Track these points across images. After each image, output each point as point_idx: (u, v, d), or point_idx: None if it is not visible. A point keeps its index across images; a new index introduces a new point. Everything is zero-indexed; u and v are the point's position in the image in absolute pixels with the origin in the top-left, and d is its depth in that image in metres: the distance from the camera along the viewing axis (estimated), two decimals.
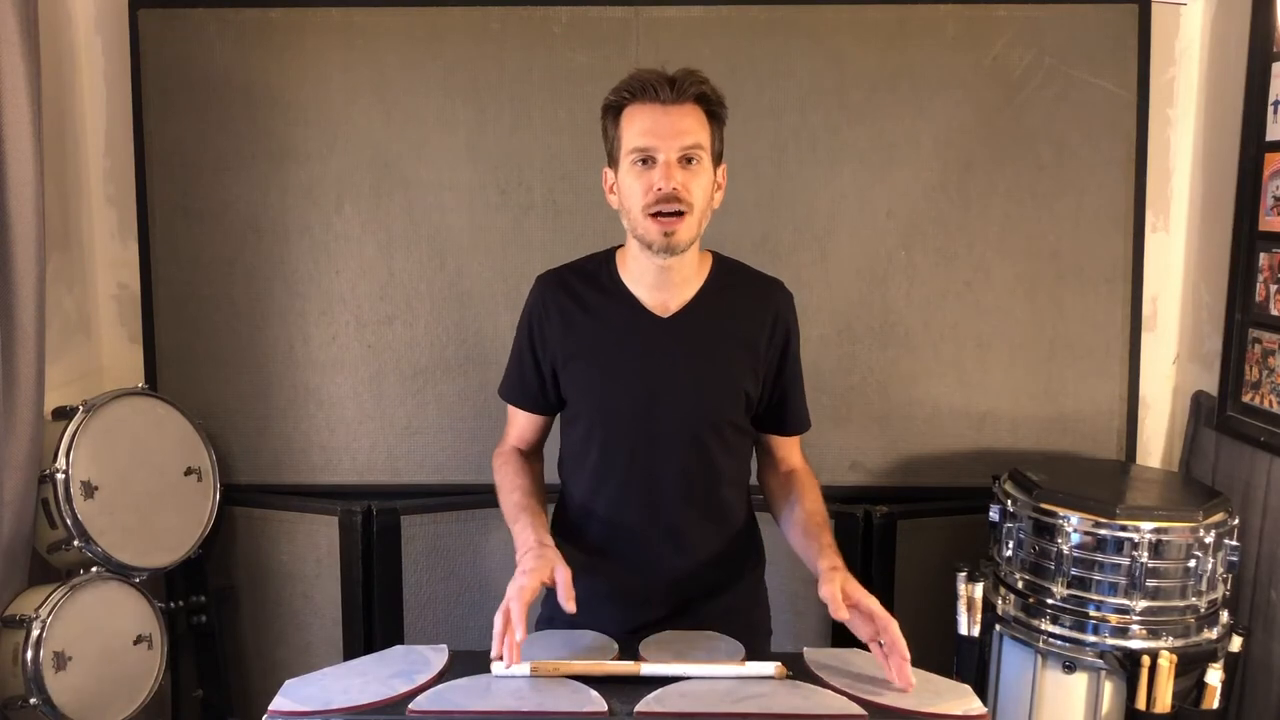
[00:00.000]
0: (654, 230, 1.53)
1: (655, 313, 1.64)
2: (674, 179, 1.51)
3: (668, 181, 1.51)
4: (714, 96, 1.57)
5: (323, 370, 2.57)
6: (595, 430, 1.67)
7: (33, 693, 2.02)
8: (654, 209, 1.52)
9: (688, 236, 1.55)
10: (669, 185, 1.51)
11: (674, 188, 1.51)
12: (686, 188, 1.52)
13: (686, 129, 1.53)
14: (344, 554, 2.49)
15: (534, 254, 2.46)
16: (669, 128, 1.52)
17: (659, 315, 1.64)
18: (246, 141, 2.50)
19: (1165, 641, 1.97)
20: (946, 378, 2.55)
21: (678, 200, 1.52)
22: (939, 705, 1.38)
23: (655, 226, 1.53)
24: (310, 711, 1.34)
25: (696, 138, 1.54)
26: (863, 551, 2.48)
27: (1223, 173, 2.37)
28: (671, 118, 1.52)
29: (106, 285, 2.59)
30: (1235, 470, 2.31)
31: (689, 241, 1.57)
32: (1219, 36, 2.44)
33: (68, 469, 2.12)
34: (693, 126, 1.54)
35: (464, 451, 2.57)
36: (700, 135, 1.54)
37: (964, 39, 2.45)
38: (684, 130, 1.52)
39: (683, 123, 1.53)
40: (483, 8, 2.46)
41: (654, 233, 1.54)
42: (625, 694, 1.37)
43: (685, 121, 1.53)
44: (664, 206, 1.52)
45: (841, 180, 2.50)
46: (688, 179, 1.53)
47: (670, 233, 1.53)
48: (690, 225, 1.55)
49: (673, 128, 1.52)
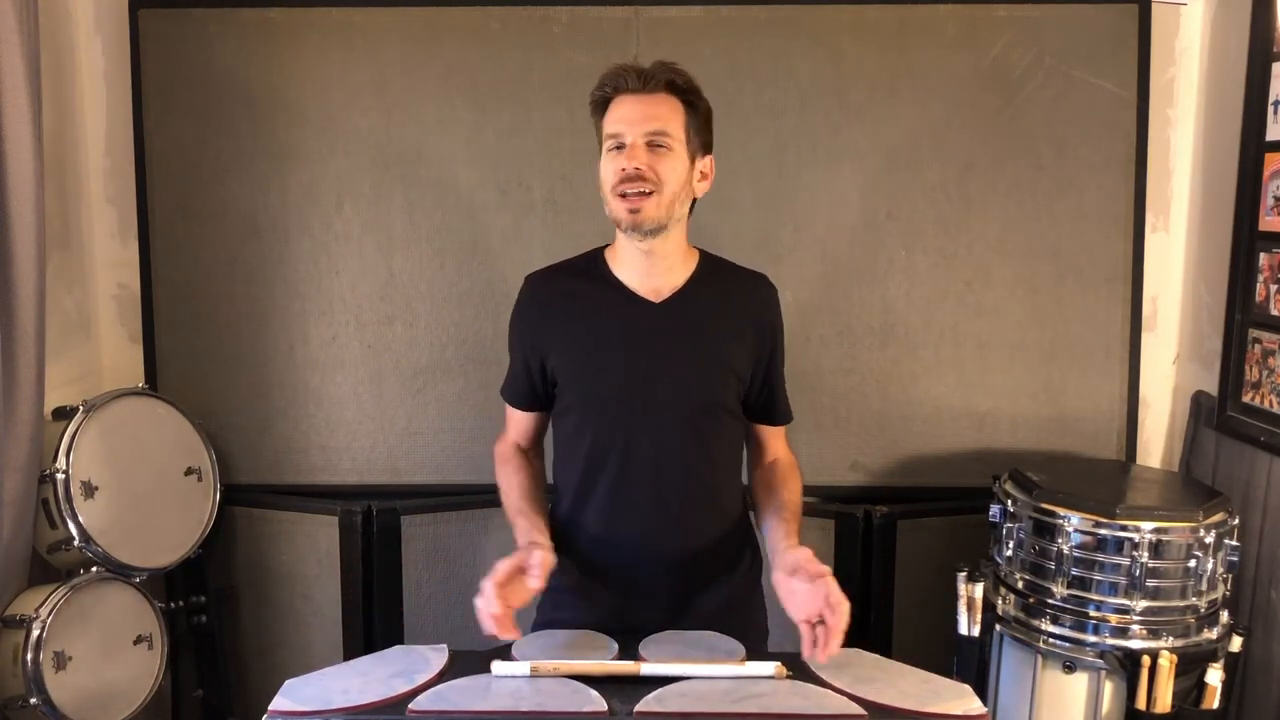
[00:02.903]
0: (621, 208, 1.59)
1: (647, 298, 1.67)
2: (638, 159, 1.56)
3: (630, 161, 1.56)
4: (685, 85, 1.62)
5: (323, 370, 2.57)
6: (588, 416, 1.69)
7: (33, 693, 2.02)
8: (620, 189, 1.57)
9: (654, 215, 1.59)
10: (632, 165, 1.56)
11: (637, 167, 1.56)
12: (652, 168, 1.57)
13: (655, 115, 1.59)
14: (344, 554, 2.49)
15: (534, 254, 2.46)
16: (638, 114, 1.59)
17: (651, 301, 1.67)
18: (246, 142, 2.50)
19: (1165, 641, 1.97)
20: (946, 378, 2.55)
21: (642, 180, 1.57)
22: (939, 705, 1.38)
23: (622, 204, 1.58)
24: (310, 711, 1.34)
25: (664, 124, 1.59)
26: (863, 551, 2.49)
27: (1223, 173, 2.37)
28: (643, 105, 1.59)
29: (106, 285, 2.59)
30: (1235, 470, 2.31)
31: (657, 220, 1.60)
32: (1219, 36, 2.44)
33: (68, 469, 2.12)
34: (662, 113, 1.59)
35: (464, 451, 2.57)
36: (670, 122, 1.59)
37: (964, 39, 2.45)
38: (652, 116, 1.59)
39: (652, 109, 1.59)
40: (483, 8, 2.46)
41: (621, 210, 1.59)
42: (625, 694, 1.38)
43: (656, 109, 1.59)
44: (628, 187, 1.57)
45: (841, 180, 2.50)
46: (654, 160, 1.58)
47: (636, 210, 1.57)
48: (658, 204, 1.58)
49: (641, 114, 1.59)
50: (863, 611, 2.50)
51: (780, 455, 1.81)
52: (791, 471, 1.77)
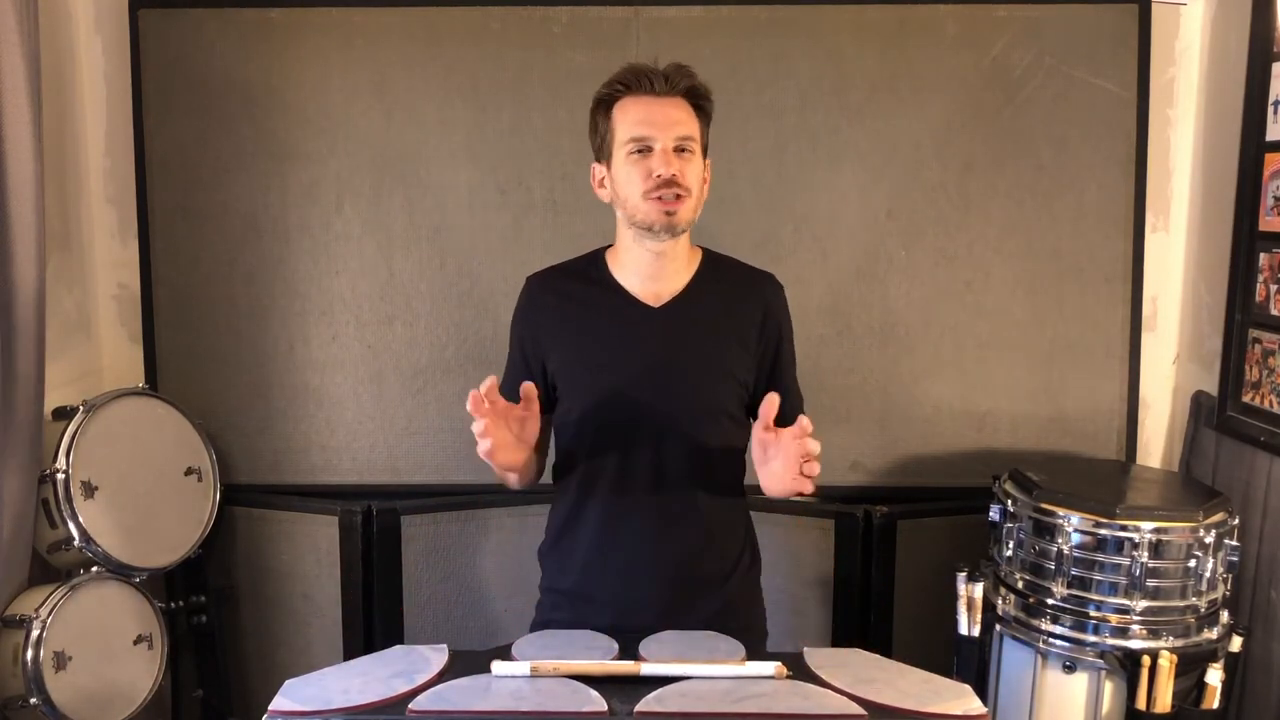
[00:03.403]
0: (656, 210, 1.57)
1: (647, 303, 1.66)
2: (673, 165, 1.56)
3: (667, 168, 1.56)
4: (702, 90, 1.62)
5: (323, 370, 2.57)
6: (587, 421, 1.68)
7: (33, 693, 2.02)
8: (655, 194, 1.56)
9: (687, 217, 1.60)
10: (669, 171, 1.56)
11: (674, 173, 1.56)
12: (683, 174, 1.58)
13: (679, 119, 1.59)
14: (344, 554, 2.49)
15: (534, 254, 2.46)
16: (664, 118, 1.58)
17: (651, 305, 1.66)
18: (246, 141, 2.50)
19: (1165, 641, 1.96)
20: (946, 378, 2.55)
21: (677, 185, 1.56)
22: (939, 705, 1.38)
23: (658, 205, 1.57)
24: (310, 711, 1.34)
25: (688, 129, 1.60)
26: (863, 551, 2.48)
27: (1223, 173, 2.37)
28: (665, 108, 1.58)
29: (106, 285, 2.59)
30: (1235, 470, 2.31)
31: (688, 222, 1.62)
32: (1219, 36, 2.44)
33: (68, 469, 2.12)
34: (684, 118, 1.60)
35: (464, 451, 2.56)
36: (691, 127, 1.60)
37: (964, 39, 2.45)
38: (677, 120, 1.58)
39: (675, 113, 1.59)
40: (483, 8, 2.46)
41: (656, 212, 1.57)
42: (625, 694, 1.37)
43: (679, 113, 1.59)
44: (664, 192, 1.56)
45: (841, 180, 2.50)
46: (683, 165, 1.58)
47: (672, 211, 1.57)
48: (690, 206, 1.60)
49: (667, 118, 1.58)
50: (863, 611, 2.50)
51: None
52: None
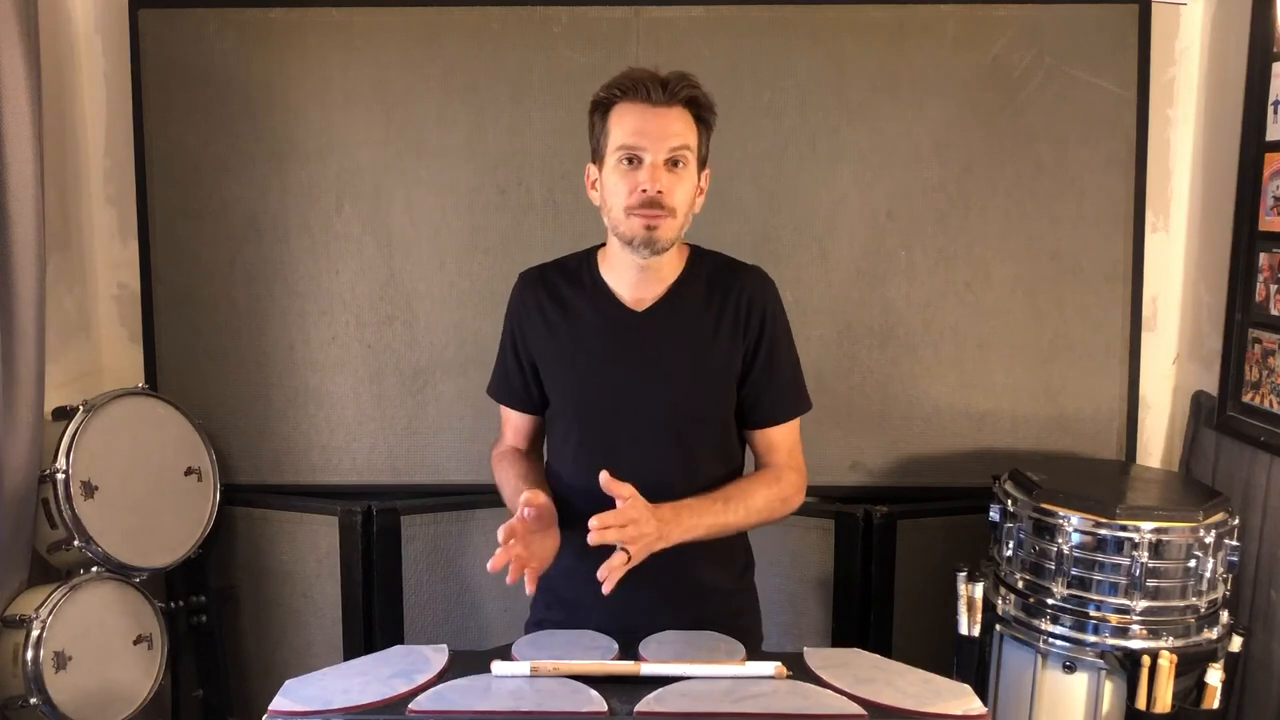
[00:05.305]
0: (636, 225, 1.53)
1: (631, 307, 1.64)
2: (659, 182, 1.51)
3: (653, 184, 1.51)
4: (704, 101, 1.57)
5: (323, 370, 2.57)
6: (574, 426, 1.68)
7: (33, 693, 2.02)
8: (638, 210, 1.52)
9: (669, 236, 1.55)
10: (654, 188, 1.51)
11: (659, 191, 1.51)
12: (670, 191, 1.53)
13: (675, 131, 1.53)
14: (344, 554, 2.50)
15: (534, 254, 2.41)
16: (658, 129, 1.52)
17: (633, 310, 1.64)
18: (246, 141, 2.50)
19: (1165, 641, 1.96)
20: (946, 378, 2.55)
21: (660, 206, 1.52)
22: (939, 705, 1.38)
23: (638, 221, 1.53)
24: (310, 711, 1.34)
25: (684, 140, 1.54)
26: (863, 551, 2.48)
27: (1223, 173, 2.37)
28: (661, 119, 1.53)
29: (106, 285, 2.59)
30: (1235, 470, 2.31)
31: (670, 241, 1.57)
32: (1219, 36, 2.44)
33: (68, 469, 2.12)
34: (681, 129, 1.54)
35: (464, 451, 2.57)
36: (688, 138, 1.55)
37: (964, 39, 2.45)
38: (673, 132, 1.53)
39: (672, 125, 1.53)
40: (482, 8, 2.46)
41: (636, 228, 1.53)
42: (625, 694, 1.37)
43: (675, 124, 1.53)
44: (646, 212, 1.52)
45: (841, 180, 2.50)
46: (672, 182, 1.53)
47: (653, 227, 1.53)
48: (672, 226, 1.55)
49: (662, 129, 1.52)
50: (863, 611, 2.50)
51: (777, 463, 1.70)
52: (772, 475, 1.67)
